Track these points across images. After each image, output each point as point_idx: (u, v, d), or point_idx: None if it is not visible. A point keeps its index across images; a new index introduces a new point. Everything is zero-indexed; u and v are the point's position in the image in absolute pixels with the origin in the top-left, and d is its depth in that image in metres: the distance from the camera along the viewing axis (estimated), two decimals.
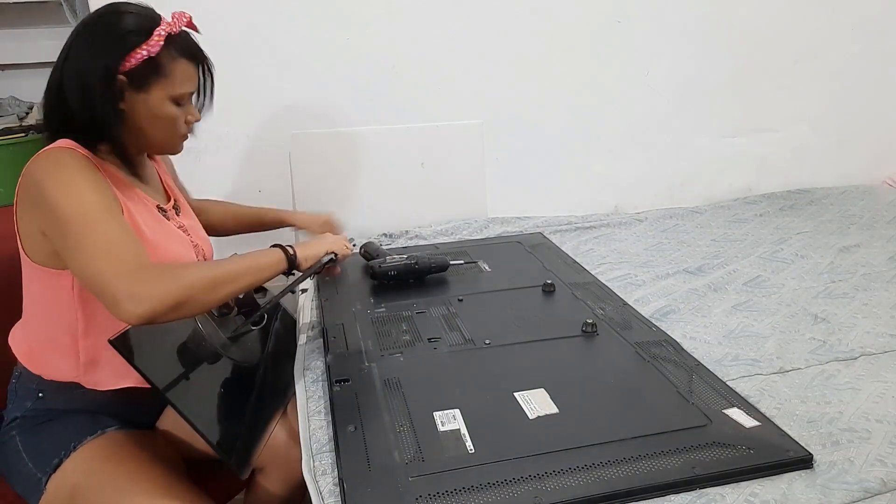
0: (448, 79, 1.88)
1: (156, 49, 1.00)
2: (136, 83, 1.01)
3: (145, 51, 0.99)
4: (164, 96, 1.04)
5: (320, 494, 0.89)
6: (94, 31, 1.01)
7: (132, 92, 1.02)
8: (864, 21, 2.14)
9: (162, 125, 1.06)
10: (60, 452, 1.04)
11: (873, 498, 0.85)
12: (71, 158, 0.98)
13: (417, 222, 1.92)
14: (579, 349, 1.21)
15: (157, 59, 1.01)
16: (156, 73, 1.02)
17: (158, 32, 1.00)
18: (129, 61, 0.99)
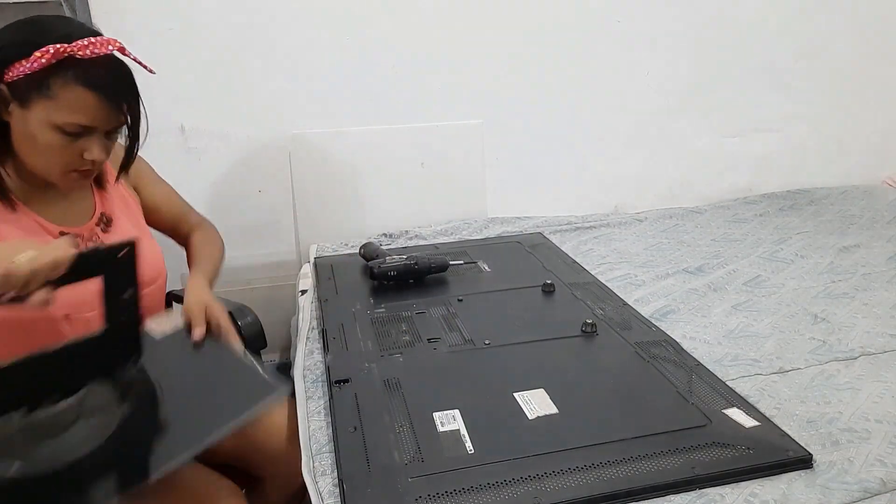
0: (448, 79, 1.88)
1: (35, 66, 0.89)
2: (18, 96, 0.92)
3: (25, 67, 0.90)
4: (46, 120, 0.93)
5: (320, 495, 0.89)
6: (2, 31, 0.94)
7: (15, 105, 0.93)
8: (864, 21, 2.14)
9: (39, 151, 0.95)
10: None
11: (873, 498, 0.85)
12: None
13: (417, 222, 1.92)
14: (579, 349, 1.21)
15: (44, 77, 0.90)
16: (38, 92, 0.91)
17: (49, 49, 0.89)
18: (10, 71, 0.91)
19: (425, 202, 1.94)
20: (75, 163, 0.97)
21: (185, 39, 1.68)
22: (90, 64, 0.92)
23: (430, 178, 1.93)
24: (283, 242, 1.88)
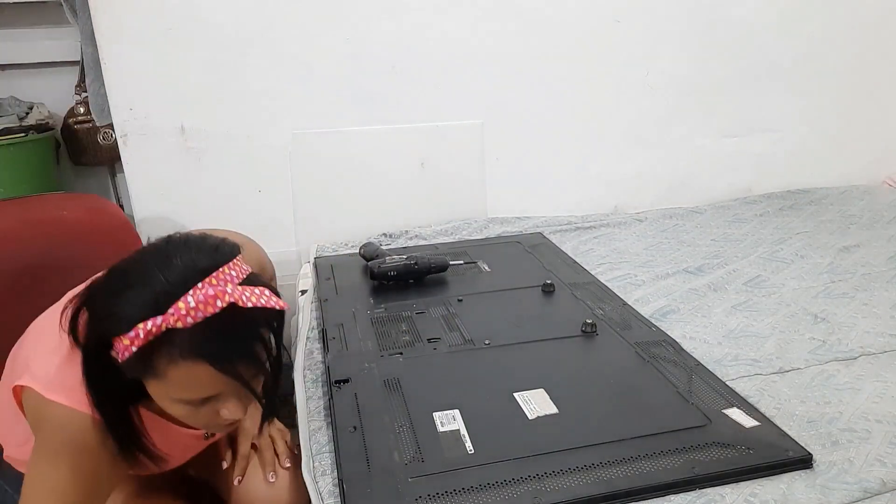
0: (448, 79, 1.88)
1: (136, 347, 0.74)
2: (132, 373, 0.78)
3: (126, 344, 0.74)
4: (165, 396, 0.80)
5: (320, 495, 0.89)
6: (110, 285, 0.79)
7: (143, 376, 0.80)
8: (864, 21, 2.14)
9: (178, 416, 0.84)
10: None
11: (873, 498, 0.85)
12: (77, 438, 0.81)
13: (417, 222, 1.92)
14: (579, 349, 1.21)
15: (147, 357, 0.75)
16: (145, 371, 0.78)
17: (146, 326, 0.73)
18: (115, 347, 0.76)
19: (425, 202, 1.94)
20: (215, 422, 0.85)
21: (185, 39, 1.68)
22: (193, 332, 0.75)
23: (430, 178, 1.93)
24: (283, 242, 1.88)
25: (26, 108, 2.46)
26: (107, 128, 2.31)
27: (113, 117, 1.69)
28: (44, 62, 2.54)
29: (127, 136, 1.70)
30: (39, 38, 2.51)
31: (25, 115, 2.43)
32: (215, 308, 0.74)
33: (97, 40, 1.63)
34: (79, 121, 2.53)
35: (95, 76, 1.71)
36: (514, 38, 1.89)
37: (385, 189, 1.90)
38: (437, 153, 1.92)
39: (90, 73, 1.74)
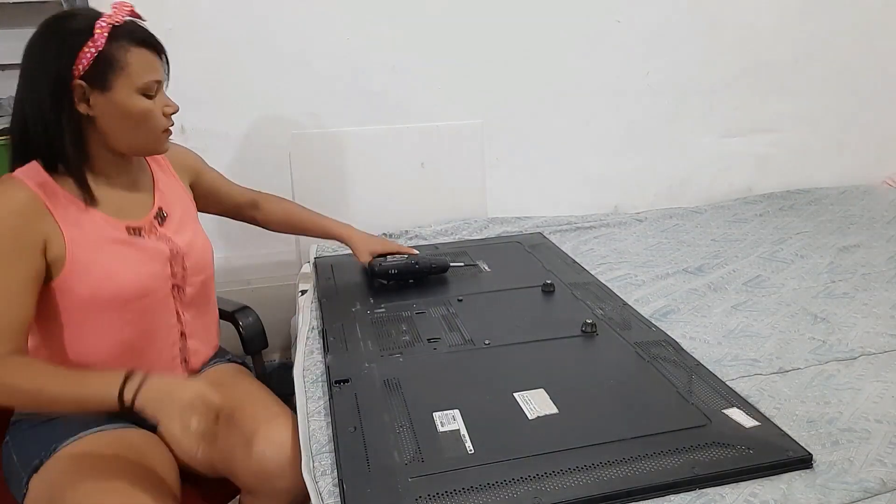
0: (448, 79, 1.88)
1: (101, 42, 0.98)
2: (96, 83, 0.99)
3: (92, 47, 0.97)
4: (130, 89, 1.01)
5: (320, 495, 0.89)
6: (40, 44, 0.99)
7: (96, 94, 1.00)
8: (864, 21, 2.14)
9: (137, 121, 1.04)
10: (41, 453, 1.04)
11: (873, 498, 0.85)
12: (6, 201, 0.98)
13: (417, 222, 1.92)
14: (579, 349, 1.21)
15: (108, 53, 0.98)
16: (112, 68, 0.99)
17: (99, 24, 0.98)
18: (80, 63, 0.97)
19: (425, 202, 1.94)
20: (163, 122, 1.07)
21: (185, 39, 1.68)
22: (127, 26, 1.01)
23: (430, 178, 1.93)
24: (283, 242, 1.88)
25: None
26: None
27: None
28: None
29: None
30: None
31: None
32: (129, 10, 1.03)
33: None
34: None
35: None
36: (514, 39, 1.89)
37: (385, 189, 1.90)
38: (437, 153, 1.92)
39: None
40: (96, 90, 1.00)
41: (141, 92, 1.02)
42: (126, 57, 1.00)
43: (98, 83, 0.99)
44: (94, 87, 0.99)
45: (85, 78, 0.98)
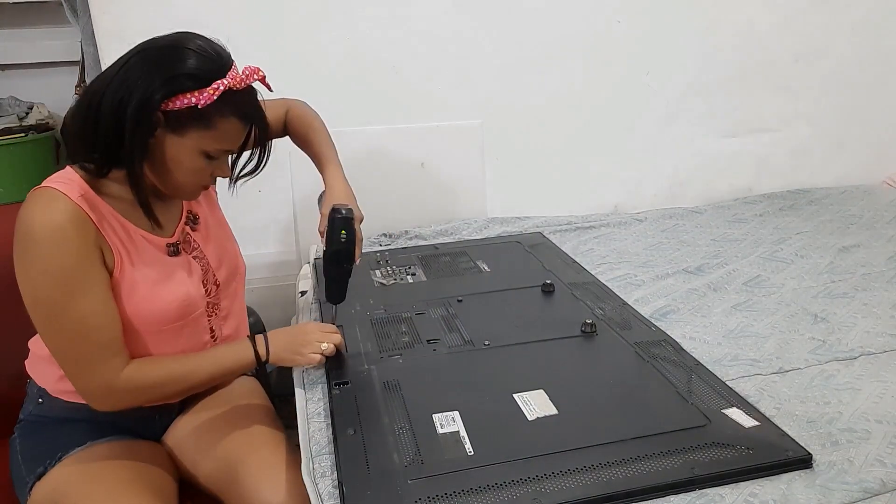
0: (448, 79, 1.88)
1: (206, 101, 0.94)
2: (172, 125, 0.96)
3: (194, 99, 0.94)
4: (199, 147, 0.98)
5: (319, 497, 0.89)
6: (153, 59, 0.95)
7: (165, 130, 0.96)
8: (864, 21, 2.13)
9: (183, 173, 1.00)
10: (46, 461, 1.04)
11: (873, 498, 0.85)
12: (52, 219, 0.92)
13: (417, 222, 1.92)
14: (579, 349, 1.21)
15: (205, 110, 0.95)
16: (198, 123, 0.96)
17: (216, 86, 0.94)
18: (175, 102, 0.94)
19: (425, 202, 1.94)
20: (207, 181, 1.05)
21: None
22: (242, 95, 0.98)
23: (430, 178, 1.92)
24: (283, 242, 1.88)
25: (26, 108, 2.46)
26: None
27: None
28: (44, 62, 2.54)
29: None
30: (39, 38, 2.51)
31: (25, 115, 2.43)
32: (256, 77, 1.00)
33: (97, 40, 1.63)
34: None
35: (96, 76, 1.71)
36: (514, 39, 1.89)
37: (385, 189, 1.90)
38: (437, 153, 1.92)
39: (90, 73, 1.74)
40: (168, 129, 0.96)
41: (206, 153, 0.99)
42: (218, 122, 0.97)
43: (176, 126, 0.96)
44: (168, 125, 0.96)
45: (166, 114, 0.95)
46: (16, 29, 2.49)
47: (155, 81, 0.93)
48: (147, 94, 0.92)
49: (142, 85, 0.93)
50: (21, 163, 2.39)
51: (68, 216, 0.94)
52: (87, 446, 1.06)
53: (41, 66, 2.55)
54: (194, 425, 1.16)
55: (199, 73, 0.94)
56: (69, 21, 1.84)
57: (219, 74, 0.95)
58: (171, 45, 0.96)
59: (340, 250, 1.21)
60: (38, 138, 2.42)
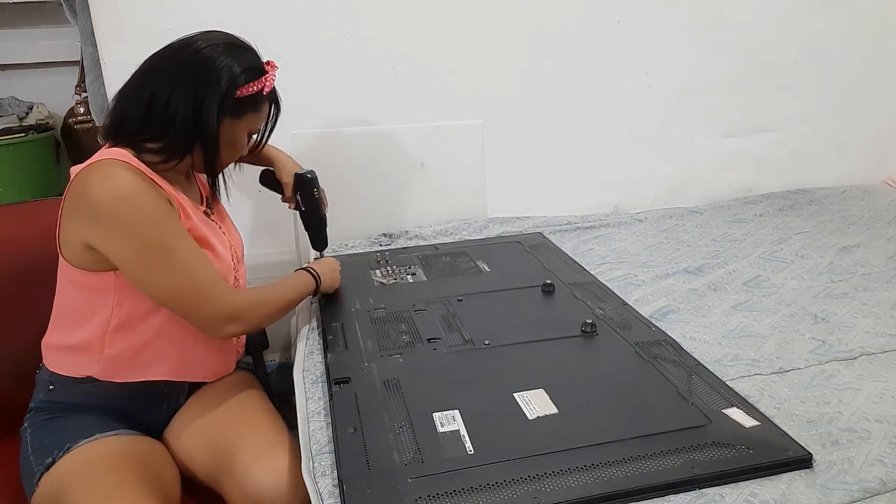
0: (448, 79, 1.88)
1: (269, 88, 1.15)
2: (233, 111, 1.11)
3: (258, 86, 1.13)
4: (248, 128, 1.17)
5: (320, 496, 0.89)
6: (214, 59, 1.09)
7: (228, 117, 1.11)
8: (864, 21, 2.14)
9: (232, 151, 1.17)
10: (55, 452, 1.05)
11: (873, 498, 0.85)
12: (132, 179, 1.03)
13: (417, 222, 1.92)
14: (579, 349, 1.21)
15: (259, 95, 1.13)
16: (253, 107, 1.14)
17: (270, 78, 1.15)
18: (241, 91, 1.10)
19: (425, 202, 1.94)
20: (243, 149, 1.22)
21: None
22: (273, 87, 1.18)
23: (430, 178, 1.93)
24: (283, 242, 1.88)
25: (26, 108, 2.46)
26: None
27: None
28: (44, 62, 2.55)
29: None
30: (39, 38, 2.51)
31: (25, 115, 2.43)
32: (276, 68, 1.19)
33: (97, 40, 1.63)
34: (79, 121, 2.53)
35: (95, 76, 1.71)
36: (514, 39, 1.89)
37: (385, 189, 1.90)
38: (437, 153, 1.92)
39: (90, 73, 1.74)
40: (230, 115, 1.11)
41: (249, 133, 1.19)
42: (262, 105, 1.17)
43: (235, 111, 1.12)
44: (231, 112, 1.11)
45: (235, 101, 1.11)
46: (16, 29, 2.49)
47: (223, 78, 1.08)
48: (223, 89, 1.08)
49: (213, 82, 1.08)
50: (21, 163, 2.39)
51: (140, 175, 1.05)
52: (96, 438, 1.07)
53: (41, 66, 2.55)
54: (191, 418, 1.19)
55: (255, 65, 1.14)
56: (69, 21, 1.84)
57: (262, 65, 1.16)
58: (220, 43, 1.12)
59: (318, 204, 1.44)
60: (38, 138, 2.42)
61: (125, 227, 1.01)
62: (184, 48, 1.11)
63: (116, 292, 1.08)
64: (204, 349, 1.19)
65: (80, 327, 1.11)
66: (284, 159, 1.46)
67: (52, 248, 1.12)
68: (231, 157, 1.19)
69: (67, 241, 1.07)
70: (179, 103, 1.06)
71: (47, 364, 1.15)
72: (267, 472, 1.06)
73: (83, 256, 1.06)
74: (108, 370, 1.12)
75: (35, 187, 2.40)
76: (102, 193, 1.00)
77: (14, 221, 1.36)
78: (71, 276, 1.09)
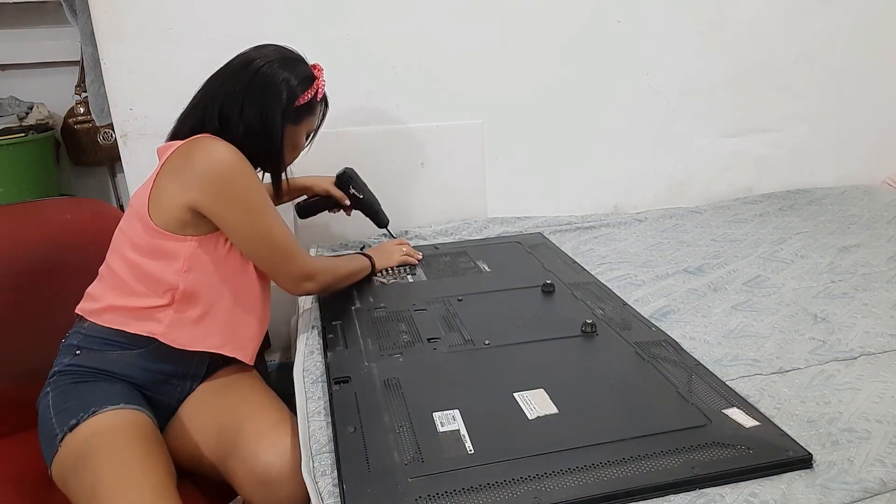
0: (448, 79, 1.88)
1: (322, 93, 1.27)
2: (293, 117, 1.23)
3: (312, 94, 1.24)
4: (306, 130, 1.29)
5: (319, 495, 0.89)
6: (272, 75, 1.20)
7: (290, 124, 1.24)
8: (864, 21, 2.14)
9: (294, 152, 1.30)
10: (80, 414, 1.07)
11: (873, 498, 0.85)
12: (234, 150, 1.14)
13: (417, 222, 1.92)
14: (579, 349, 1.21)
15: (314, 101, 1.26)
16: (309, 112, 1.27)
17: (321, 83, 1.27)
18: (303, 97, 1.23)
19: (425, 202, 1.94)
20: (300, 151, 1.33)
21: (186, 39, 1.68)
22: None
23: (430, 178, 1.93)
24: None
25: (26, 108, 2.46)
26: (107, 128, 2.31)
27: (113, 117, 1.69)
28: (44, 62, 2.54)
29: (127, 136, 1.70)
30: (39, 38, 2.51)
31: (25, 115, 2.43)
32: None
33: (97, 40, 1.63)
34: (79, 121, 2.53)
35: (95, 76, 1.71)
36: (514, 38, 1.89)
37: (385, 189, 1.90)
38: (437, 153, 1.92)
39: (90, 73, 1.74)
40: (290, 122, 1.23)
41: (307, 135, 1.31)
42: (316, 108, 1.29)
43: (295, 118, 1.24)
44: (291, 118, 1.23)
45: (295, 109, 1.23)
46: (16, 29, 2.49)
47: (284, 92, 1.20)
48: (284, 102, 1.20)
49: (276, 96, 1.20)
50: (21, 163, 2.39)
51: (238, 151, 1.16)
52: (122, 407, 1.09)
53: (41, 66, 2.55)
54: (199, 405, 1.22)
55: (308, 74, 1.25)
56: (69, 21, 1.84)
57: (312, 72, 1.27)
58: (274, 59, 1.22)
59: (365, 189, 1.63)
60: (38, 138, 2.42)
61: (234, 189, 1.13)
62: (244, 67, 1.21)
63: (186, 260, 1.15)
64: (254, 329, 1.26)
65: (146, 291, 1.15)
66: (311, 179, 1.61)
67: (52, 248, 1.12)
68: (292, 158, 1.31)
69: (162, 205, 1.14)
70: (249, 119, 1.18)
71: (101, 322, 1.16)
72: (272, 450, 1.09)
73: (177, 218, 1.13)
74: (170, 333, 1.16)
75: (35, 187, 2.40)
76: (212, 160, 1.12)
77: (14, 221, 1.35)
78: (147, 239, 1.15)
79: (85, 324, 1.17)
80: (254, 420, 1.14)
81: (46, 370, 1.16)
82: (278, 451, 1.09)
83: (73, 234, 1.35)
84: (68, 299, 1.20)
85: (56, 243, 1.33)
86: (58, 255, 1.32)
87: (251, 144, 1.19)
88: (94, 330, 1.16)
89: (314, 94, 1.25)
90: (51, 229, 1.36)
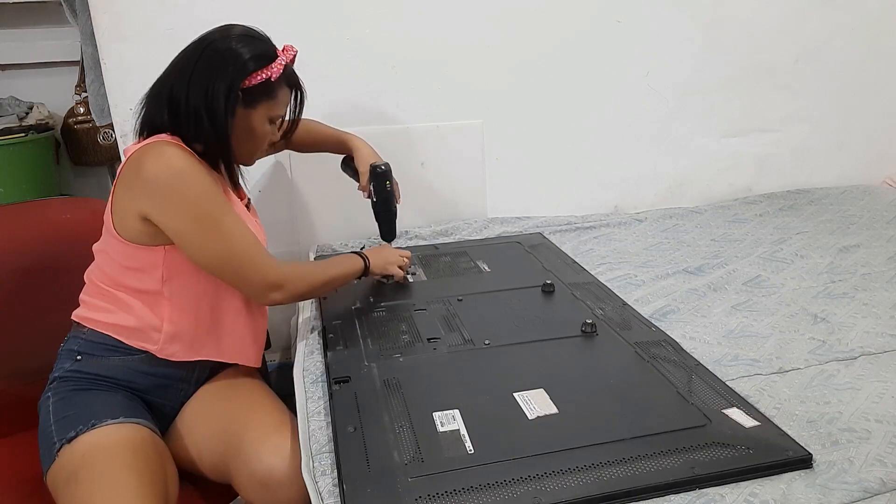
0: (448, 79, 1.88)
1: (276, 75, 1.14)
2: (246, 101, 1.13)
3: (267, 74, 1.13)
4: (266, 115, 1.18)
5: (319, 495, 0.89)
6: (224, 50, 1.12)
7: (241, 108, 1.13)
8: (864, 21, 2.14)
9: (254, 140, 1.19)
10: (79, 426, 1.06)
11: (873, 498, 0.85)
12: (184, 156, 1.09)
13: (417, 222, 1.91)
14: (579, 349, 1.21)
15: (270, 83, 1.14)
16: (266, 94, 1.15)
17: (279, 61, 1.15)
18: (252, 79, 1.12)
19: (425, 202, 1.94)
20: (265, 145, 1.24)
21: (186, 39, 1.67)
22: (290, 70, 1.19)
23: (430, 178, 1.93)
24: (283, 242, 1.88)
25: (26, 108, 2.46)
26: (107, 128, 2.31)
27: (113, 117, 1.69)
28: (44, 62, 2.55)
29: (127, 136, 1.69)
30: (39, 38, 2.51)
31: (25, 115, 2.43)
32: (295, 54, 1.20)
33: (97, 40, 1.63)
34: (79, 121, 2.53)
35: (95, 76, 1.71)
36: (514, 38, 1.89)
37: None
38: (437, 153, 1.92)
39: (90, 73, 1.74)
40: (243, 105, 1.13)
41: (270, 120, 1.19)
42: (278, 92, 1.17)
43: (248, 101, 1.14)
44: (244, 102, 1.13)
45: (244, 91, 1.12)
46: (16, 29, 2.49)
47: (234, 66, 1.11)
48: (231, 77, 1.10)
49: (223, 72, 1.10)
50: (21, 163, 2.39)
51: (191, 153, 1.11)
52: (121, 421, 1.08)
53: (41, 66, 2.55)
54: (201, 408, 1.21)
55: (266, 52, 1.15)
56: (69, 21, 1.84)
57: (274, 52, 1.16)
58: (232, 35, 1.14)
59: (389, 197, 1.50)
60: (38, 138, 2.42)
61: (180, 199, 1.07)
62: (198, 43, 1.15)
63: (164, 269, 1.12)
64: (252, 332, 1.24)
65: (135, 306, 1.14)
66: (364, 149, 1.51)
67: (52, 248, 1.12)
68: (254, 147, 1.21)
69: (121, 217, 1.10)
70: (195, 99, 1.10)
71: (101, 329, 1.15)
72: (274, 453, 1.08)
73: (137, 230, 1.09)
74: (166, 349, 1.15)
75: (35, 187, 2.40)
76: (158, 168, 1.06)
77: (14, 221, 1.36)
78: (121, 251, 1.12)
79: (84, 329, 1.16)
80: (256, 423, 1.14)
81: (46, 370, 1.16)
82: (281, 455, 1.08)
83: (73, 234, 1.35)
84: (68, 299, 1.20)
85: (56, 243, 1.33)
86: (58, 255, 1.32)
87: (198, 130, 1.12)
88: (95, 336, 1.15)
89: (268, 75, 1.13)
90: (51, 229, 1.35)
